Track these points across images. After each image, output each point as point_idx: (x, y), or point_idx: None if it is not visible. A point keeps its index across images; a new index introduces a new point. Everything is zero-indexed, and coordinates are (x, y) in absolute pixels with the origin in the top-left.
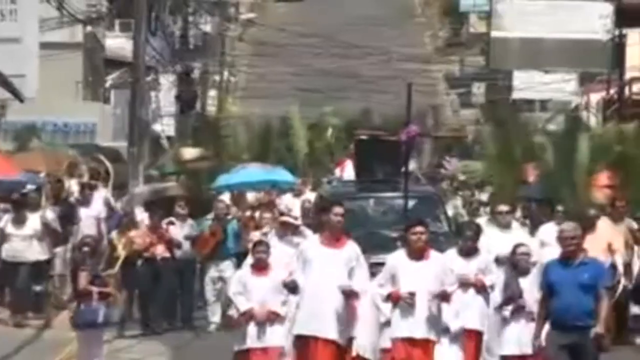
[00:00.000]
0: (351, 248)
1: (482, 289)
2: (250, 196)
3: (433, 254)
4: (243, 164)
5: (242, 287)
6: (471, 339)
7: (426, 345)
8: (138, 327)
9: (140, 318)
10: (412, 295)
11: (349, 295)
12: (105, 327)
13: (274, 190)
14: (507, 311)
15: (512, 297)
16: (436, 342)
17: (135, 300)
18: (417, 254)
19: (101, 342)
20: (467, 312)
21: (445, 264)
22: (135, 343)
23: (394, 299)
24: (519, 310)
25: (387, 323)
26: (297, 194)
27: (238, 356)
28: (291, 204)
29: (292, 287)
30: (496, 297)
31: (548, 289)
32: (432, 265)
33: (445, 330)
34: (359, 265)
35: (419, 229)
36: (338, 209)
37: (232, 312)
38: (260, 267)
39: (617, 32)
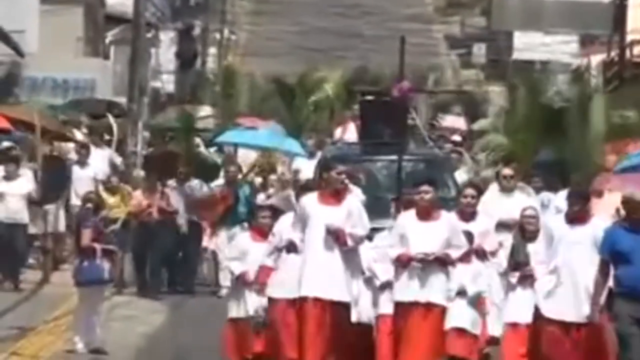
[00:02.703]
0: (350, 203)
1: (483, 255)
2: (251, 156)
3: (444, 214)
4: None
5: (239, 252)
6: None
7: (435, 310)
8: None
9: (136, 282)
10: (427, 256)
11: (336, 234)
12: (109, 284)
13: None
14: (514, 277)
15: (520, 263)
16: (445, 307)
17: (130, 262)
18: (425, 215)
19: (103, 299)
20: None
21: (456, 225)
22: (133, 300)
23: (403, 260)
24: (526, 277)
25: (382, 287)
26: (310, 154)
27: (231, 323)
28: (303, 166)
29: (290, 248)
30: (501, 261)
31: (614, 257)
32: (442, 226)
33: (462, 293)
34: (360, 219)
35: (424, 187)
36: (340, 167)
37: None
38: (262, 232)
39: None
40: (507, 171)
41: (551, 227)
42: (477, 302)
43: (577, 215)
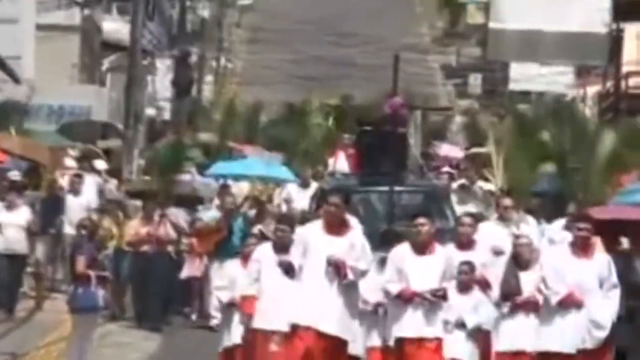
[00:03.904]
0: (354, 235)
1: (485, 285)
2: (245, 187)
3: (438, 247)
4: (242, 153)
5: (229, 281)
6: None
7: (437, 344)
8: (131, 318)
9: (135, 312)
10: (437, 293)
11: (337, 267)
12: (103, 311)
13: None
14: (506, 307)
15: (511, 292)
16: (443, 339)
17: (127, 293)
18: (420, 248)
19: (96, 326)
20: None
21: (451, 258)
22: (127, 327)
23: (407, 296)
24: (517, 307)
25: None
26: (304, 184)
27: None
28: (296, 195)
29: (286, 268)
30: (494, 291)
31: None
32: (438, 260)
33: (461, 325)
34: (363, 252)
35: (421, 220)
36: (334, 199)
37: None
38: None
39: (614, 26)
40: (507, 201)
41: (554, 257)
42: (477, 334)
43: (582, 247)
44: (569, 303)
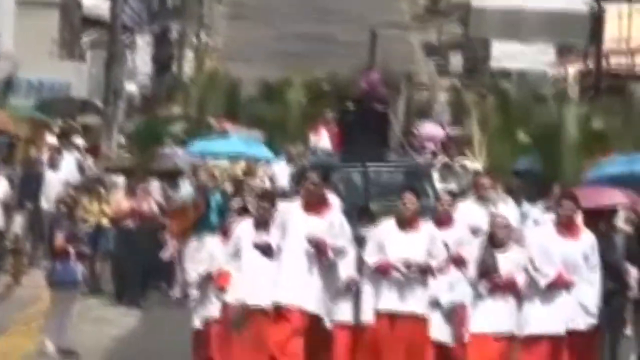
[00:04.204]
0: (334, 214)
1: (460, 263)
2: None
3: (423, 224)
4: (223, 131)
5: (208, 255)
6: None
7: (416, 321)
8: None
9: (115, 289)
10: (407, 265)
11: (317, 246)
12: (82, 286)
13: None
14: (483, 287)
15: (488, 271)
16: (426, 317)
17: (106, 268)
18: (405, 224)
19: (75, 302)
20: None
21: (435, 235)
22: (107, 302)
23: (383, 268)
24: (496, 287)
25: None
26: (289, 161)
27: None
28: (280, 173)
29: (264, 249)
30: (471, 271)
31: None
32: (422, 236)
33: (436, 304)
34: (342, 231)
35: (409, 196)
36: (312, 176)
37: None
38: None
39: (595, 5)
40: (485, 181)
41: (540, 238)
42: (454, 312)
43: (567, 226)
44: (559, 285)
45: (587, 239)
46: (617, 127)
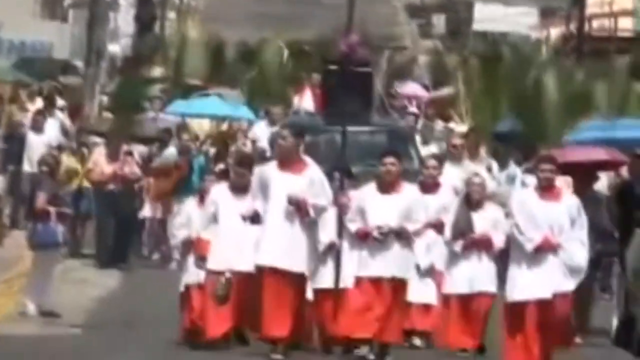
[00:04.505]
0: (313, 172)
1: (441, 228)
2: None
3: (405, 186)
4: (202, 91)
5: (186, 219)
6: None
7: (396, 285)
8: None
9: (97, 251)
10: (381, 231)
11: (298, 205)
12: (63, 247)
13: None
14: (458, 246)
15: (463, 231)
16: (407, 281)
17: (88, 230)
18: (387, 187)
19: (56, 263)
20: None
21: (417, 198)
22: (88, 263)
23: (362, 235)
24: (470, 245)
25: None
26: (271, 122)
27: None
28: (262, 134)
29: (253, 218)
30: (446, 231)
31: None
32: (402, 198)
33: (415, 267)
34: (322, 188)
35: (390, 159)
36: (283, 132)
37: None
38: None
39: None
40: (456, 141)
41: (524, 202)
42: (432, 273)
43: (548, 188)
44: (545, 248)
45: (570, 201)
46: (599, 90)
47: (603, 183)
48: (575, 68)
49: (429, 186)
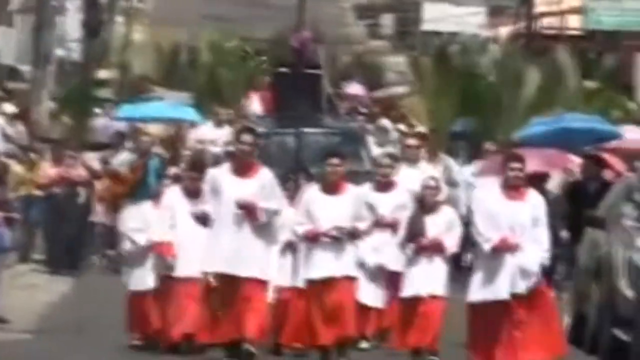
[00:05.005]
0: (264, 176)
1: (397, 228)
2: (156, 129)
3: (349, 188)
4: (148, 96)
5: (142, 222)
6: (392, 281)
7: (347, 283)
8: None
9: (48, 256)
10: (340, 230)
11: (247, 209)
12: (10, 252)
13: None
14: (409, 249)
15: (415, 234)
16: (356, 279)
17: (37, 236)
18: (331, 188)
19: (3, 267)
20: (386, 250)
21: (361, 198)
22: (37, 269)
23: (312, 237)
24: (421, 250)
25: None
26: (218, 124)
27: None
28: (209, 135)
29: (202, 219)
30: (400, 234)
31: None
32: (347, 199)
33: (361, 265)
34: (273, 192)
35: (334, 160)
36: (246, 137)
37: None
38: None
39: None
40: (411, 141)
41: (486, 201)
42: (379, 274)
43: (515, 187)
44: (503, 249)
45: (534, 199)
46: (548, 88)
47: (554, 182)
48: (524, 66)
49: (383, 185)
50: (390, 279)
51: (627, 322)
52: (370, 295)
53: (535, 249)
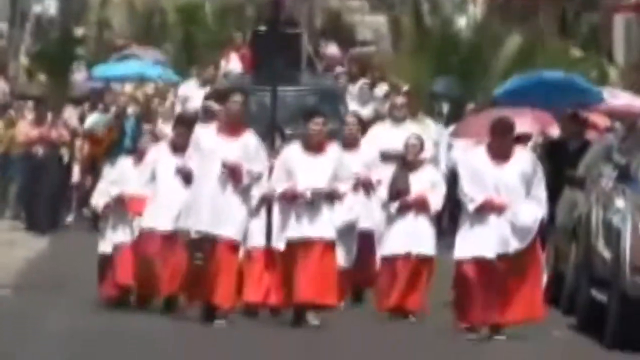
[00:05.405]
0: (248, 138)
1: (369, 186)
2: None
3: (330, 146)
4: (122, 54)
5: (118, 175)
6: (365, 240)
7: (325, 248)
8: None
9: (25, 216)
10: (315, 192)
11: (232, 170)
12: None
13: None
14: (393, 207)
15: (399, 192)
16: (334, 241)
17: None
18: (313, 147)
19: None
20: (357, 209)
21: (342, 157)
22: (15, 225)
23: (289, 196)
24: (406, 207)
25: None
26: (203, 83)
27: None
28: (193, 94)
29: (185, 175)
30: (382, 192)
31: None
32: (329, 159)
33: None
34: (257, 154)
35: (317, 119)
36: (236, 97)
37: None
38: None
39: None
40: (398, 100)
41: (472, 162)
42: (352, 233)
43: (502, 150)
44: (488, 209)
45: (522, 158)
46: (528, 48)
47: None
48: (503, 28)
49: (349, 144)
50: (361, 238)
51: (604, 282)
52: (342, 255)
53: (530, 207)
